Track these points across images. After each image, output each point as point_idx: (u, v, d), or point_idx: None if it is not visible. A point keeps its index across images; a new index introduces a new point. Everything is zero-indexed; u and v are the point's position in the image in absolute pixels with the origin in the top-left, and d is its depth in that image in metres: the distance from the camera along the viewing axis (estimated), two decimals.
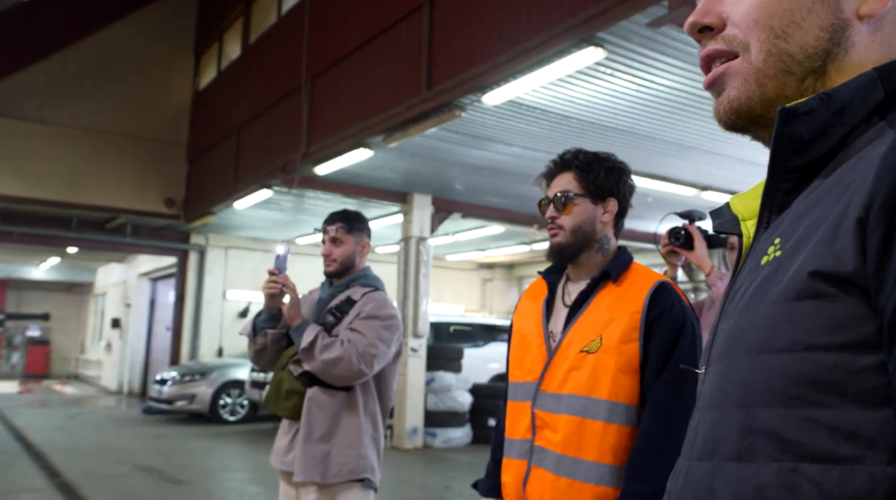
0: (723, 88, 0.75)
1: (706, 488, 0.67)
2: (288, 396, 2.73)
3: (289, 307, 2.74)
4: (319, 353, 2.62)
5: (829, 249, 0.59)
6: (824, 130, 0.67)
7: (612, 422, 1.79)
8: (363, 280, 2.89)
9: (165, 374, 12.79)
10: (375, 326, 2.71)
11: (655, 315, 1.82)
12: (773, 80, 0.72)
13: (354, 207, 11.76)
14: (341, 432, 2.68)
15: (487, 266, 19.75)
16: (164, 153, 14.20)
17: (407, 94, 7.36)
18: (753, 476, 0.61)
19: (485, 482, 2.13)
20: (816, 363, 0.59)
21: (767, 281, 0.65)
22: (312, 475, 2.65)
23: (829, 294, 0.59)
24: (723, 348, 0.70)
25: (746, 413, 0.63)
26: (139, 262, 18.06)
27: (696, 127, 7.46)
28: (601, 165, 1.97)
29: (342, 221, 2.91)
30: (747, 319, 0.66)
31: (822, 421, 0.58)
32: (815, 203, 0.65)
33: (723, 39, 0.75)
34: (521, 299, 2.16)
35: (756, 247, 0.73)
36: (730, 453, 0.64)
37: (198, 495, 6.81)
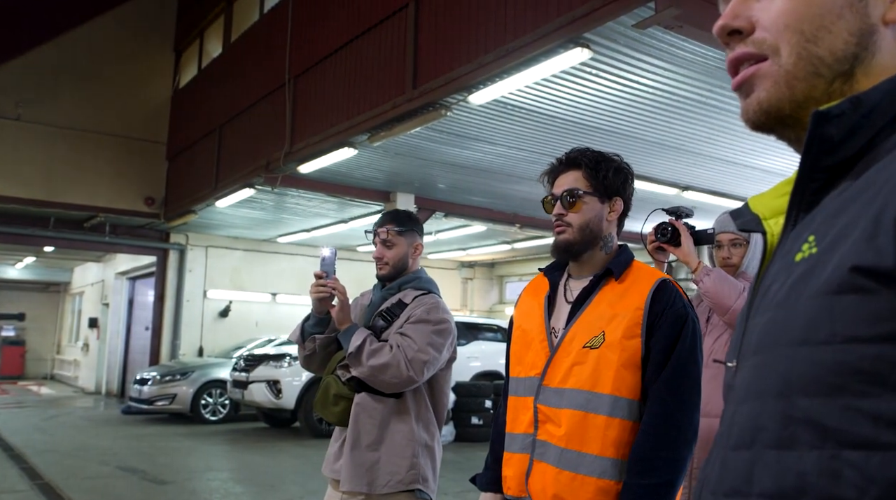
0: (752, 90, 0.77)
1: (745, 476, 0.69)
2: (335, 401, 2.66)
3: (337, 311, 2.65)
4: (367, 358, 2.53)
5: (869, 245, 0.62)
6: (853, 132, 0.70)
7: (614, 416, 1.82)
8: (416, 283, 2.79)
9: (146, 374, 12.68)
10: (426, 330, 2.60)
11: (658, 311, 1.85)
12: (802, 83, 0.74)
13: (336, 205, 11.79)
14: (391, 440, 2.58)
15: (468, 265, 19.78)
16: (143, 151, 14.07)
17: (392, 93, 7.37)
18: (795, 463, 0.63)
19: (483, 476, 2.15)
20: (858, 354, 0.61)
21: (805, 277, 0.68)
22: (359, 484, 2.55)
23: (870, 288, 0.61)
24: (760, 342, 0.72)
25: (787, 403, 0.65)
26: (117, 261, 17.87)
27: (678, 127, 7.54)
28: (609, 164, 2.01)
29: (393, 222, 2.80)
30: (785, 313, 0.69)
31: (863, 410, 0.60)
32: (850, 202, 0.67)
33: (752, 43, 0.77)
34: (521, 296, 2.18)
35: (785, 244, 0.75)
36: (770, 441, 0.66)
37: (183, 494, 6.77)
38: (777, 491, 0.65)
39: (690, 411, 1.84)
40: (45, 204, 13.00)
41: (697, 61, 5.89)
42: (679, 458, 1.80)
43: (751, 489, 0.68)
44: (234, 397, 11.45)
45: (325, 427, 10.55)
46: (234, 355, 13.01)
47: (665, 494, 1.76)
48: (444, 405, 2.78)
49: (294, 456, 9.03)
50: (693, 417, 1.84)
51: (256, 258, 16.03)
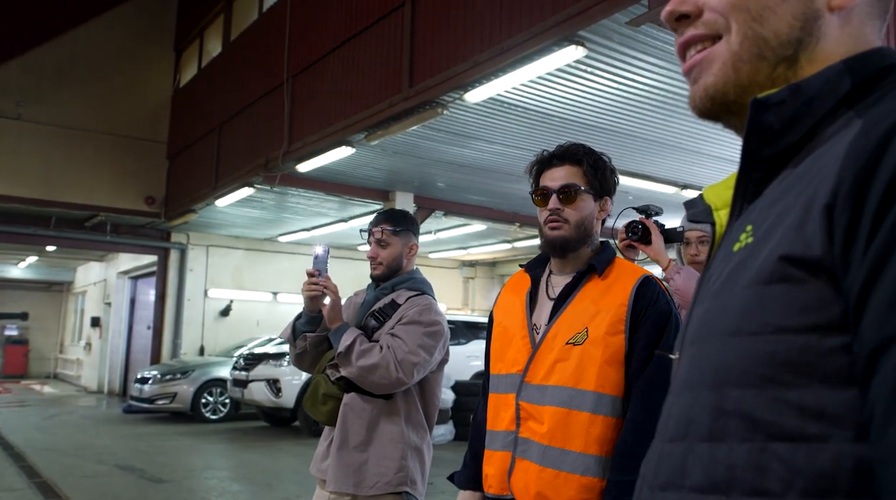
0: (700, 75, 0.77)
1: (679, 468, 0.68)
2: (324, 400, 2.63)
3: (329, 309, 2.62)
4: (357, 358, 2.50)
5: (799, 234, 0.61)
6: (794, 120, 0.69)
7: (598, 413, 1.80)
8: (410, 283, 2.74)
9: (146, 372, 12.71)
10: (418, 332, 2.56)
11: (641, 308, 1.85)
12: (747, 65, 0.73)
13: (337, 205, 11.79)
14: (379, 441, 2.55)
15: (469, 264, 19.77)
16: (143, 151, 14.09)
17: (389, 91, 7.36)
18: (725, 456, 0.63)
19: (461, 474, 2.14)
20: (787, 345, 0.60)
21: (740, 267, 0.67)
22: (345, 485, 2.53)
23: (798, 278, 0.60)
24: (696, 333, 0.72)
25: (719, 395, 0.65)
26: (119, 260, 17.91)
27: (676, 125, 7.52)
28: (605, 164, 2.01)
29: (388, 221, 2.75)
30: (720, 304, 0.68)
31: (790, 401, 0.60)
32: (786, 191, 0.67)
33: (703, 24, 0.76)
34: (501, 293, 2.16)
35: (729, 235, 0.75)
36: (702, 434, 0.66)
37: (179, 493, 6.78)
38: (708, 484, 0.65)
39: None
40: (46, 203, 13.03)
41: None
42: None
43: (684, 482, 0.68)
44: (234, 395, 11.47)
45: None
46: (234, 354, 13.02)
47: None
48: (435, 408, 2.75)
49: (293, 455, 9.04)
50: None
51: (257, 257, 16.04)
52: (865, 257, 0.56)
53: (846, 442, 0.57)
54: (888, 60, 0.70)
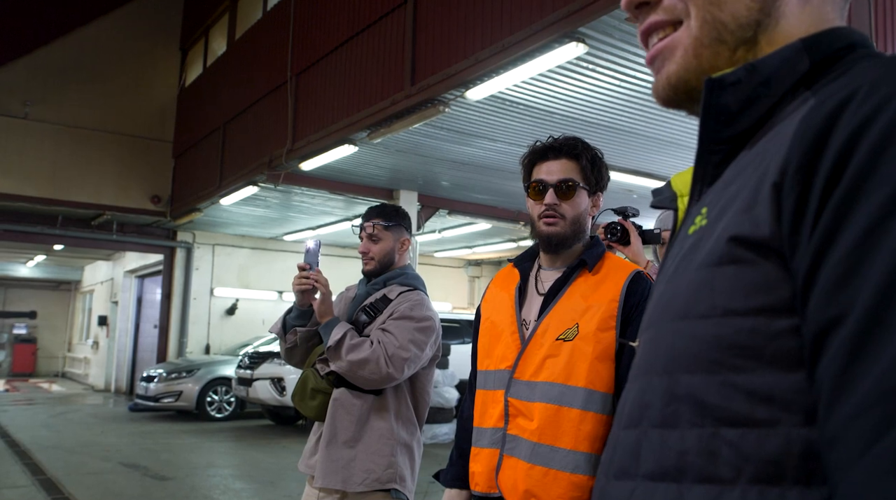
0: (663, 64, 0.75)
1: (633, 455, 0.67)
2: (313, 395, 2.61)
3: (319, 303, 2.61)
4: (346, 353, 2.48)
5: (748, 214, 0.60)
6: (751, 101, 0.68)
7: (588, 410, 1.78)
8: (401, 278, 2.73)
9: (152, 371, 12.76)
10: (409, 327, 2.55)
11: (633, 304, 1.82)
12: (707, 50, 0.72)
13: (342, 203, 11.80)
14: (368, 437, 2.53)
15: (475, 263, 19.76)
16: (149, 150, 14.15)
17: (391, 89, 7.36)
18: (677, 442, 0.62)
19: (448, 472, 2.11)
20: (735, 328, 0.59)
21: (692, 250, 0.66)
22: (333, 481, 2.51)
23: (747, 259, 0.59)
24: (650, 317, 0.71)
25: (670, 380, 0.64)
26: (126, 259, 17.98)
27: (678, 122, 7.49)
28: (601, 160, 1.99)
29: (380, 216, 2.75)
30: (672, 287, 0.67)
31: (739, 385, 0.58)
32: (740, 172, 0.65)
33: (663, 10, 0.75)
34: (489, 287, 2.13)
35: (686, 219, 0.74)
36: (654, 419, 0.65)
37: (182, 491, 6.80)
38: (659, 471, 0.64)
39: None
40: (52, 202, 13.10)
41: None
42: None
43: (637, 470, 0.67)
44: (240, 394, 11.50)
45: None
46: (240, 352, 13.06)
47: None
48: (426, 405, 2.73)
49: (296, 453, 9.04)
50: None
51: (263, 256, 16.08)
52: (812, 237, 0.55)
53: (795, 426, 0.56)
54: (846, 40, 0.68)
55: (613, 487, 0.70)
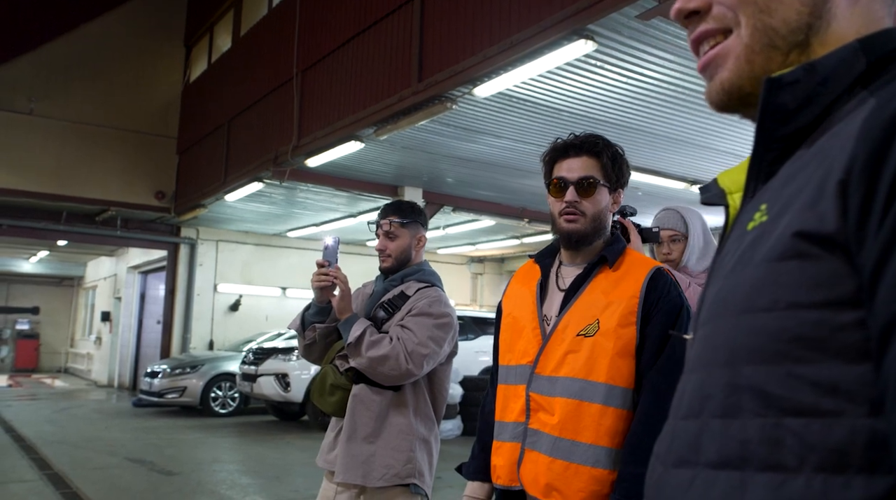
0: (716, 71, 0.77)
1: (693, 445, 0.69)
2: (332, 391, 2.63)
3: (339, 300, 2.61)
4: (366, 349, 2.49)
5: (813, 210, 0.61)
6: (809, 100, 0.69)
7: (609, 405, 1.80)
8: (419, 275, 2.74)
9: (156, 367, 12.77)
10: (428, 324, 2.56)
11: (653, 300, 1.84)
12: (759, 56, 0.73)
13: (346, 200, 11.81)
14: (388, 433, 2.55)
15: (478, 260, 19.78)
16: (154, 146, 14.16)
17: (398, 86, 7.37)
18: (739, 432, 0.63)
19: (470, 465, 2.13)
20: (799, 320, 0.60)
21: (753, 245, 0.67)
22: (354, 476, 2.53)
23: (812, 254, 0.61)
24: (709, 312, 0.72)
25: (732, 372, 0.65)
26: (130, 255, 18.01)
27: (686, 120, 7.50)
28: (622, 157, 2.00)
29: (396, 213, 2.74)
30: (733, 282, 0.69)
31: (804, 376, 0.60)
32: (800, 170, 0.67)
33: (713, 19, 0.77)
34: (510, 283, 2.15)
35: (742, 215, 0.75)
36: (716, 410, 0.66)
37: (188, 486, 6.82)
38: (721, 460, 0.65)
39: None
40: (57, 198, 13.11)
41: None
42: None
43: (697, 459, 0.68)
44: (244, 390, 11.51)
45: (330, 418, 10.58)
46: (243, 348, 13.07)
47: None
48: (444, 400, 2.75)
49: (301, 449, 9.07)
50: None
51: (266, 253, 16.10)
52: (879, 233, 0.56)
53: (860, 417, 0.57)
54: None
55: (672, 475, 0.72)
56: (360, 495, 2.60)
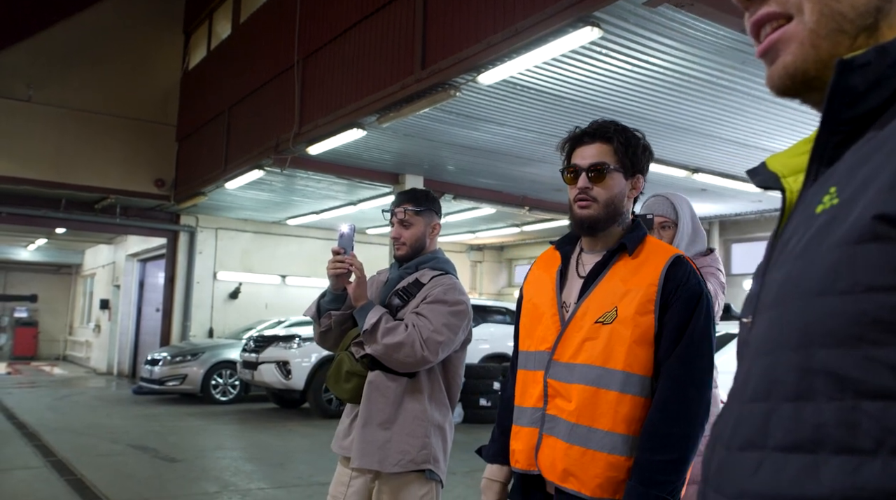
0: (777, 55, 0.76)
1: (760, 428, 0.69)
2: (347, 378, 2.65)
3: (354, 287, 2.62)
4: (382, 336, 2.51)
5: (893, 193, 0.61)
6: (878, 83, 0.68)
7: (626, 392, 1.81)
8: (433, 263, 2.76)
9: (157, 354, 12.78)
10: (442, 311, 2.58)
11: (672, 288, 1.84)
12: (826, 41, 0.73)
13: (345, 188, 11.80)
14: (403, 419, 2.57)
15: (477, 248, 19.78)
16: (153, 133, 14.10)
17: (401, 73, 7.34)
18: (812, 415, 0.63)
19: (490, 448, 2.16)
20: (878, 303, 0.60)
21: (825, 228, 0.67)
22: (370, 462, 2.55)
23: (892, 237, 0.60)
24: (777, 295, 0.72)
25: (805, 355, 0.65)
26: (128, 243, 17.98)
27: (689, 108, 7.49)
28: (637, 141, 1.98)
29: (411, 201, 2.75)
30: (803, 265, 0.68)
31: (882, 359, 0.59)
32: (873, 152, 0.66)
33: (776, 2, 0.76)
34: (531, 269, 2.16)
35: (805, 199, 0.75)
36: (787, 394, 0.66)
37: (193, 472, 6.84)
38: (793, 443, 0.65)
39: (703, 388, 1.82)
40: (56, 185, 13.07)
41: (708, 40, 5.84)
42: (691, 435, 1.79)
43: (766, 442, 0.68)
44: (244, 377, 11.53)
45: (335, 408, 10.62)
46: (243, 336, 13.08)
47: (676, 470, 1.76)
48: (458, 387, 2.77)
49: (303, 436, 9.10)
50: (706, 394, 1.83)
51: (266, 240, 16.09)
52: None
53: None
54: None
55: (737, 458, 0.72)
56: (375, 480, 2.61)
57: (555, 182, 11.00)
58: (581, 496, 1.82)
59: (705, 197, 11.73)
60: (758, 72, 6.47)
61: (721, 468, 0.75)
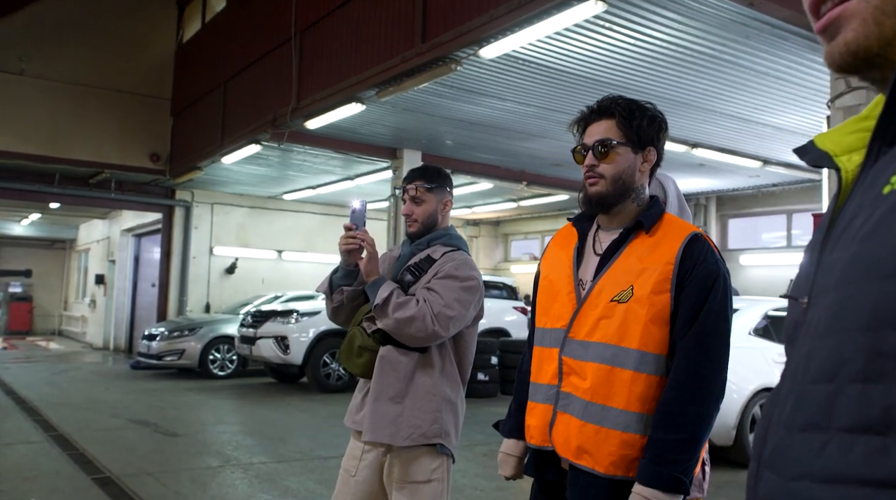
0: (838, 32, 0.75)
1: (825, 409, 0.68)
2: (359, 353, 2.66)
3: (366, 263, 2.63)
4: (393, 311, 2.51)
5: None
6: None
7: (641, 371, 1.80)
8: (445, 239, 2.77)
9: (154, 329, 12.79)
10: (454, 286, 2.59)
11: (688, 267, 1.82)
12: (891, 18, 0.71)
13: (341, 162, 11.74)
14: (414, 393, 2.58)
15: (474, 223, 19.77)
16: (148, 107, 13.97)
17: (401, 46, 7.28)
18: (882, 397, 0.63)
19: (506, 423, 2.18)
20: None
21: (894, 209, 0.67)
22: (381, 435, 2.56)
23: None
24: (843, 276, 0.71)
25: (875, 336, 0.64)
26: (123, 218, 17.89)
27: (690, 83, 7.46)
28: (643, 113, 1.94)
29: (423, 178, 2.76)
30: (873, 246, 0.67)
31: None
32: None
33: None
34: (549, 246, 2.15)
35: (866, 179, 0.74)
36: (855, 375, 0.66)
37: (195, 446, 6.87)
38: (860, 424, 0.64)
39: (718, 367, 1.81)
40: (50, 160, 12.96)
41: (712, 14, 5.80)
42: (706, 414, 1.79)
43: (830, 423, 0.67)
44: (242, 352, 11.55)
45: (333, 382, 10.67)
46: (240, 311, 13.09)
47: (690, 449, 1.76)
48: (469, 363, 2.77)
49: (302, 410, 9.14)
50: (721, 373, 1.82)
51: (262, 215, 16.04)
52: None
53: None
54: None
55: (798, 439, 0.71)
56: (387, 454, 2.63)
57: (553, 157, 10.98)
58: (594, 472, 1.83)
59: (703, 172, 11.72)
60: (761, 46, 6.43)
61: (779, 449, 0.74)
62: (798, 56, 6.59)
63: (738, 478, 5.93)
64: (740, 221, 14.73)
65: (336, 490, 2.73)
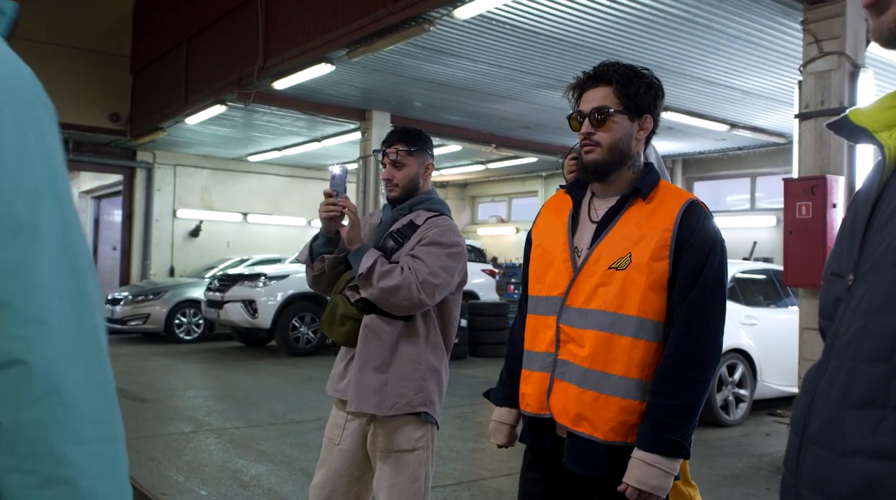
0: (888, 6, 0.74)
1: (880, 387, 0.68)
2: (342, 321, 2.60)
3: (348, 230, 2.55)
4: (378, 280, 2.46)
5: None
6: None
7: (640, 338, 1.81)
8: (427, 204, 2.68)
9: (118, 293, 12.58)
10: (439, 253, 2.53)
11: (686, 234, 1.82)
12: None
13: (306, 123, 11.55)
14: (399, 362, 2.54)
15: (441, 185, 19.70)
16: (106, 65, 13.54)
17: (372, 6, 7.12)
18: None
19: (498, 391, 2.18)
20: None
21: None
22: (367, 405, 2.53)
23: None
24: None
25: None
26: (81, 179, 17.45)
27: (662, 46, 7.45)
28: (640, 80, 1.92)
29: (403, 141, 2.65)
30: None
31: None
32: None
33: None
34: (540, 213, 2.13)
35: None
36: None
37: (166, 411, 6.82)
38: None
39: (716, 333, 1.84)
40: None
41: None
42: (704, 379, 1.81)
43: (886, 401, 0.68)
44: (210, 316, 11.43)
45: (302, 346, 10.64)
46: (206, 275, 12.93)
47: (690, 414, 1.78)
48: (454, 330, 2.75)
49: (273, 374, 9.11)
50: (718, 339, 1.85)
51: (226, 177, 15.77)
52: None
53: None
54: None
55: (851, 416, 0.71)
56: (371, 422, 2.61)
57: (522, 119, 10.94)
58: (593, 439, 1.84)
59: (670, 135, 11.79)
60: (735, 10, 6.43)
61: (829, 426, 0.75)
62: (770, 21, 6.61)
63: (704, 436, 6.10)
64: (705, 184, 14.90)
65: (320, 458, 2.71)
